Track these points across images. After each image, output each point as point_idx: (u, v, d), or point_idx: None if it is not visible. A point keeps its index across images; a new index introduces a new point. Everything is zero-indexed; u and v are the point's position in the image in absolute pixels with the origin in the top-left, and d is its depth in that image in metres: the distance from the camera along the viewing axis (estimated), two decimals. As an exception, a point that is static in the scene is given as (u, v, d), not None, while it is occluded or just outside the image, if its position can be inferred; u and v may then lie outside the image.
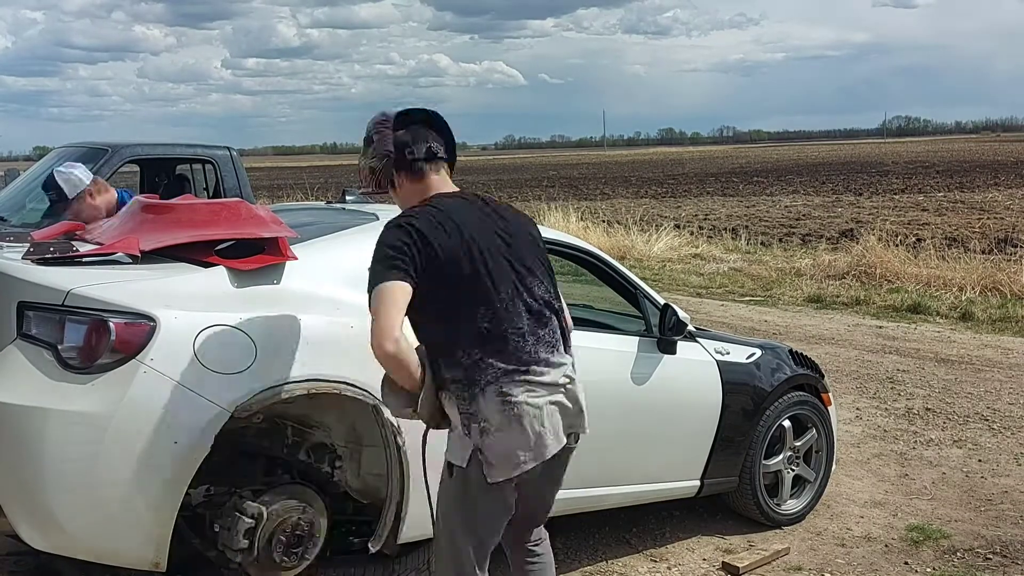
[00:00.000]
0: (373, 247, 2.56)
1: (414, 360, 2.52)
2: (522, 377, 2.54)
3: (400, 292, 2.47)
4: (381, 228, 2.61)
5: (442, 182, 2.75)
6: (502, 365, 2.53)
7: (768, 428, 4.44)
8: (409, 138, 2.71)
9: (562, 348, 2.69)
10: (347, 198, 4.33)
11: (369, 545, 3.34)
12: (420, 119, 2.76)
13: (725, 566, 4.10)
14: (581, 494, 3.91)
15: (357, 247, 3.20)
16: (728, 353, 4.34)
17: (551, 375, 2.60)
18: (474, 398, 2.53)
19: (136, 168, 8.95)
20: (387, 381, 2.60)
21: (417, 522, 3.17)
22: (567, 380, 2.65)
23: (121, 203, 4.64)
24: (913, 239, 14.79)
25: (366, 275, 2.54)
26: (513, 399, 2.52)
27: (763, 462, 4.48)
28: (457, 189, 2.78)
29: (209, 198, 7.62)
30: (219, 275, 3.11)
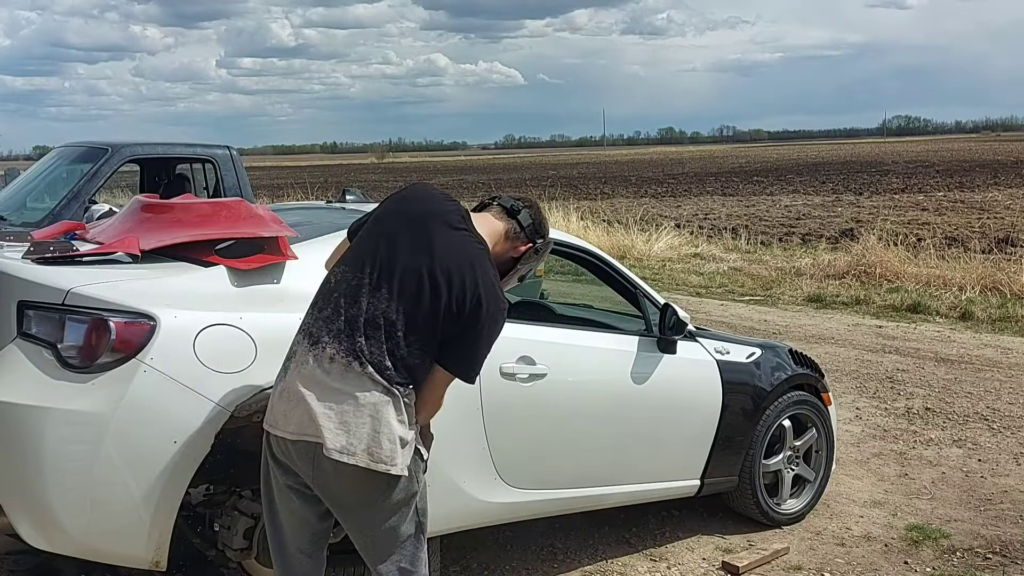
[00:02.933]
0: None
1: None
2: None
3: None
4: None
5: None
6: None
7: (768, 428, 4.44)
8: None
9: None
10: (347, 197, 4.32)
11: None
12: None
13: (725, 566, 4.10)
14: (581, 494, 3.92)
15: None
16: (728, 352, 4.34)
17: None
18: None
19: (136, 168, 8.96)
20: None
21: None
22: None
23: None
24: (913, 239, 14.78)
25: None
26: None
27: (763, 462, 4.48)
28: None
29: (209, 197, 7.61)
30: (219, 275, 3.11)
